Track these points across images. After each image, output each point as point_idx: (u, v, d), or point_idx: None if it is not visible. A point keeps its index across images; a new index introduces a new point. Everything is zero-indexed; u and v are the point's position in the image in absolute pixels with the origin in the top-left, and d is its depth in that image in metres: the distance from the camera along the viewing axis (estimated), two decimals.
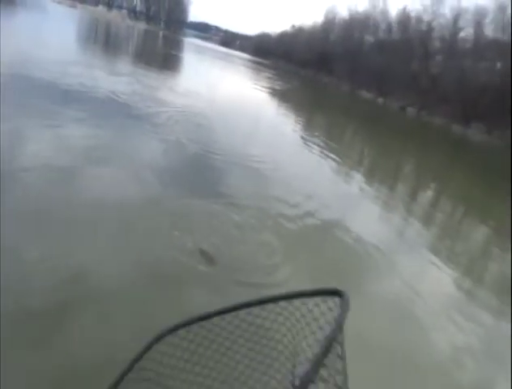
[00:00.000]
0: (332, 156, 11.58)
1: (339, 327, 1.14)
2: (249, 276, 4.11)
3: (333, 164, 11.04)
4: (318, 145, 12.67)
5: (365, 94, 54.07)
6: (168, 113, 10.65)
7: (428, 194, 12.04)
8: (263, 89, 27.73)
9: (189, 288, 3.80)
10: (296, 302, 1.36)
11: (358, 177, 10.92)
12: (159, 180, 6.04)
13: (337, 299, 1.23)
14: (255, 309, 1.42)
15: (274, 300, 1.40)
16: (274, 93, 27.44)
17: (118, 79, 14.00)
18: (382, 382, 3.32)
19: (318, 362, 1.06)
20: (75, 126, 7.34)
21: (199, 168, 7.35)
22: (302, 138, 13.72)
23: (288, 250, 4.91)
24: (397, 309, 4.56)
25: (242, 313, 1.44)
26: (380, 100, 51.02)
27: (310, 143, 12.69)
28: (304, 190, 7.62)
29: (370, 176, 11.81)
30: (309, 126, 18.17)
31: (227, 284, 3.90)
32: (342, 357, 1.16)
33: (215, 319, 1.46)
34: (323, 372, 1.09)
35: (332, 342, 1.11)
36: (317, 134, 15.55)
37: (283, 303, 1.38)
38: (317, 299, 1.30)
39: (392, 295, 4.85)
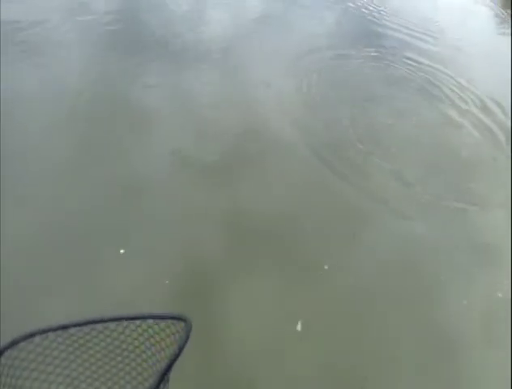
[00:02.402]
0: None
1: (176, 355, 1.26)
2: None
3: None
4: None
5: None
6: None
7: None
8: None
9: None
10: (147, 322, 1.42)
11: None
12: None
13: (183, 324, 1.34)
14: (111, 324, 1.46)
15: (127, 319, 1.44)
16: None
17: None
18: None
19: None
20: None
21: None
22: None
23: None
24: None
25: (99, 326, 1.47)
26: None
27: None
28: None
29: None
30: None
31: None
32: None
33: (72, 330, 1.46)
34: None
35: (171, 367, 1.25)
36: None
37: (137, 321, 1.44)
38: (168, 321, 1.39)
39: None
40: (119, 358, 1.54)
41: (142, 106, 4.28)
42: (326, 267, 3.12)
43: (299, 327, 2.77)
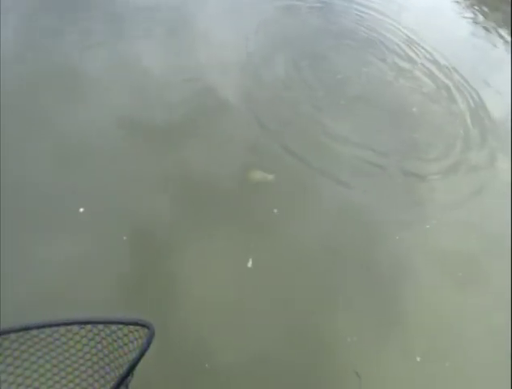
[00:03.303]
0: None
1: (137, 360, 1.31)
2: None
3: None
4: None
5: None
6: None
7: None
8: None
9: None
10: (112, 327, 1.45)
11: None
12: None
13: (145, 330, 1.38)
14: (74, 327, 1.46)
15: (90, 322, 1.45)
16: None
17: None
18: None
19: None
20: None
21: None
22: None
23: None
24: None
25: (62, 329, 1.46)
26: None
27: None
28: None
29: None
30: None
31: None
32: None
33: (34, 331, 1.46)
34: None
35: (131, 372, 1.30)
36: None
37: (100, 326, 1.46)
38: (130, 327, 1.42)
39: None
40: (81, 361, 1.54)
41: (83, 70, 4.11)
42: (275, 211, 3.36)
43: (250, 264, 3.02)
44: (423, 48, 5.65)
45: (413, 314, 3.05)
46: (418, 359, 2.81)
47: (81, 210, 3.07)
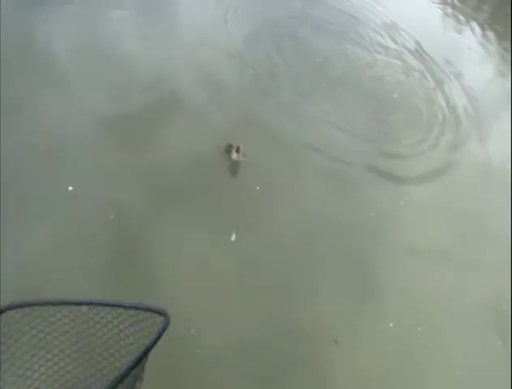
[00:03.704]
0: None
1: (153, 343, 1.39)
2: None
3: None
4: None
5: None
6: None
7: None
8: None
9: None
10: (129, 311, 1.53)
11: None
12: None
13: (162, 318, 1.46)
14: (96, 308, 1.55)
15: (110, 305, 1.55)
16: None
17: None
18: None
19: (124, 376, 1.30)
20: None
21: None
22: None
23: None
24: None
25: (84, 308, 1.55)
26: None
27: None
28: None
29: None
30: None
31: None
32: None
33: (59, 307, 1.55)
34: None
35: (146, 355, 1.37)
36: None
37: (119, 309, 1.55)
38: (146, 313, 1.50)
39: None
40: (98, 342, 1.62)
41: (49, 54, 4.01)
42: (257, 188, 3.47)
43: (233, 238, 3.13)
44: (401, 34, 5.83)
45: (386, 285, 3.20)
46: (391, 325, 2.99)
47: (70, 188, 3.10)
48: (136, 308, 1.51)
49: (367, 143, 4.19)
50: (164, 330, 1.43)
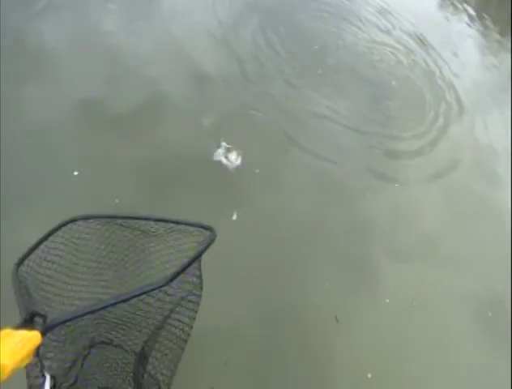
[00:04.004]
0: None
1: (200, 253, 1.52)
2: None
3: None
4: None
5: None
6: None
7: None
8: None
9: None
10: (180, 226, 1.68)
11: None
12: None
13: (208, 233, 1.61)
14: (151, 222, 1.69)
15: (162, 220, 1.69)
16: None
17: None
18: None
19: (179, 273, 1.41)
20: None
21: None
22: None
23: None
24: None
25: (141, 222, 1.69)
26: None
27: None
28: None
29: None
30: None
31: None
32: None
33: (120, 221, 1.69)
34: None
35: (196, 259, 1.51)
36: None
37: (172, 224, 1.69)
38: (194, 229, 1.66)
39: None
40: (147, 252, 1.78)
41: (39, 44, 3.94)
42: (257, 171, 3.56)
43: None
44: (398, 19, 5.87)
45: (383, 264, 3.32)
46: (387, 301, 3.11)
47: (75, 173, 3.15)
48: (188, 224, 1.67)
49: (364, 135, 4.26)
50: (212, 240, 1.56)
